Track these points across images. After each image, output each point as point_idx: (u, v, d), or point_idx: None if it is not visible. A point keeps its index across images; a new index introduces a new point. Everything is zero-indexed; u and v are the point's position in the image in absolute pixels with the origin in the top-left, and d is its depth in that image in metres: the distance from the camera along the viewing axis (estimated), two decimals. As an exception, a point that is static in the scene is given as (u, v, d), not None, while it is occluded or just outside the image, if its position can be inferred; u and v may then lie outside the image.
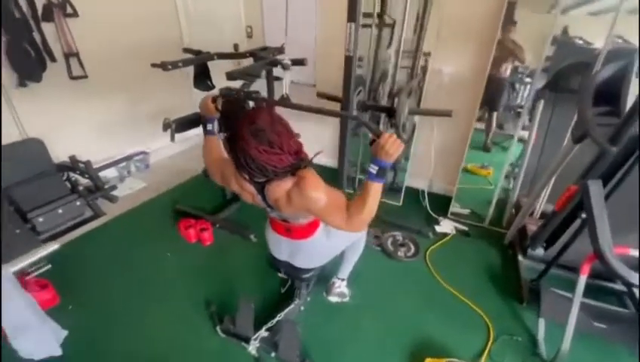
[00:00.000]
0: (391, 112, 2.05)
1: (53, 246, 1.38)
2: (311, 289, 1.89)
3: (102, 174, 2.90)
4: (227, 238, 2.35)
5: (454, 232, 2.51)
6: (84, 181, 2.63)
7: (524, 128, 2.32)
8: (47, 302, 1.76)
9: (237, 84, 2.07)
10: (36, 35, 2.36)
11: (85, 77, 2.69)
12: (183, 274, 2.07)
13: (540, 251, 2.10)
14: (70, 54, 2.58)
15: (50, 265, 2.05)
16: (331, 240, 1.50)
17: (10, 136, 2.36)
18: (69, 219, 2.37)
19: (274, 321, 1.63)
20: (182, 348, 1.62)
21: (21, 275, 1.88)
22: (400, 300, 1.94)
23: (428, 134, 2.70)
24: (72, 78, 2.63)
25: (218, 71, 2.23)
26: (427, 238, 2.43)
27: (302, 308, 1.81)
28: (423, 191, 2.81)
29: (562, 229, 1.89)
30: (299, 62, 2.16)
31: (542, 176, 2.14)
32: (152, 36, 3.07)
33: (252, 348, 1.58)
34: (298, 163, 1.14)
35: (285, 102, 2.04)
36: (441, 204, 2.76)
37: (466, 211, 2.68)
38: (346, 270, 1.84)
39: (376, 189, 1.08)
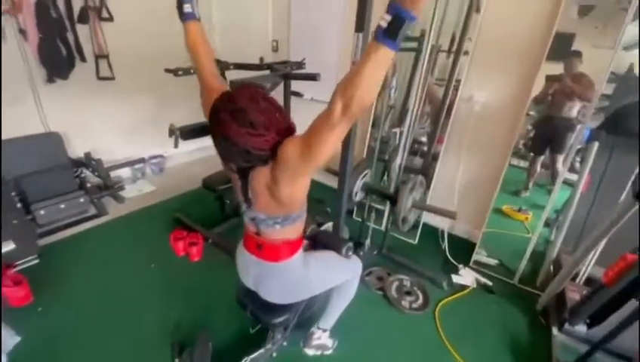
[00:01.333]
0: (393, 201, 1.99)
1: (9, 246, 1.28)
2: (289, 333, 1.64)
3: (117, 174, 2.94)
4: (216, 257, 2.19)
5: (475, 286, 2.13)
6: (96, 179, 2.66)
7: (572, 170, 1.93)
8: (19, 299, 1.70)
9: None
10: (70, 35, 2.46)
11: (112, 78, 2.77)
12: (161, 289, 1.93)
13: (581, 328, 1.68)
14: (100, 56, 2.67)
15: (37, 260, 2.03)
16: (310, 274, 1.25)
17: (33, 128, 2.45)
18: (70, 215, 2.37)
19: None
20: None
21: (6, 267, 1.86)
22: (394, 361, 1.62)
23: (453, 166, 2.38)
24: (100, 78, 2.71)
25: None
26: (441, 289, 2.08)
27: (274, 354, 1.57)
28: (442, 232, 2.46)
29: (613, 307, 1.47)
30: (310, 77, 2.00)
31: (591, 233, 1.73)
32: (182, 45, 3.12)
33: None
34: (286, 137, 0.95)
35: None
36: (463, 249, 2.39)
37: (493, 262, 2.29)
38: (329, 319, 1.57)
39: (382, 55, 0.69)
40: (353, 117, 0.77)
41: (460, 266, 2.26)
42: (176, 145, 2.07)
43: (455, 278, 2.16)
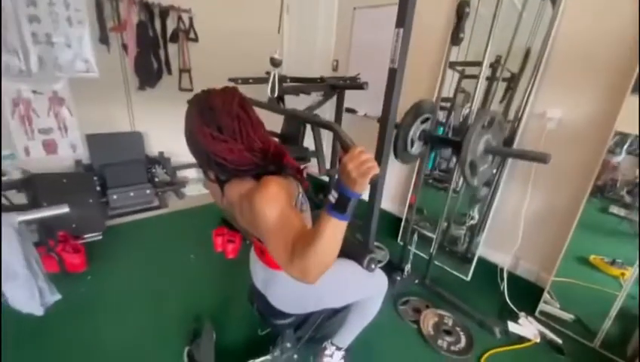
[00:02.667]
0: (458, 147, 1.57)
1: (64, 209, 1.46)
2: (301, 344, 1.52)
3: (184, 174, 3.25)
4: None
5: (538, 340, 1.73)
6: (163, 176, 2.97)
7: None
8: (73, 266, 1.92)
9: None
10: (161, 52, 2.89)
11: (191, 90, 3.13)
12: (193, 278, 2.01)
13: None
14: (184, 70, 3.07)
15: (101, 237, 2.29)
16: (320, 286, 1.15)
17: (122, 127, 2.87)
18: (136, 203, 2.67)
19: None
20: (140, 356, 1.49)
21: (75, 237, 2.14)
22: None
23: (517, 193, 2.05)
24: (181, 89, 3.10)
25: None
26: (491, 335, 1.74)
27: (282, 364, 1.46)
28: (502, 270, 2.10)
29: None
30: (357, 86, 1.97)
31: None
32: (254, 65, 3.41)
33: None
34: (265, 165, 0.92)
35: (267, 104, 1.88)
36: (527, 294, 1.99)
37: (567, 317, 1.84)
38: (345, 336, 1.42)
39: (332, 228, 0.73)
40: (309, 276, 0.76)
41: (521, 314, 1.88)
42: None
43: (512, 327, 1.79)
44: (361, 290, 1.29)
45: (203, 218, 2.71)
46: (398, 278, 2.05)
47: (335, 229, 0.73)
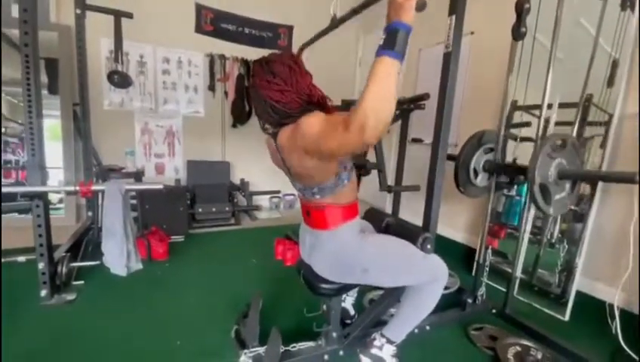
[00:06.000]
0: (525, 173, 1.47)
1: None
2: (351, 338, 1.40)
3: (259, 202, 3.56)
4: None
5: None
6: (241, 199, 3.31)
7: None
8: (158, 254, 2.20)
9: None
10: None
11: (273, 129, 3.61)
12: (250, 277, 2.10)
13: None
14: (269, 112, 3.59)
15: (183, 239, 2.60)
16: (367, 248, 1.13)
17: (215, 156, 3.40)
18: (216, 218, 2.99)
19: (281, 348, 1.30)
20: (193, 329, 1.55)
21: (165, 233, 2.46)
22: None
23: (620, 206, 1.70)
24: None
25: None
26: (598, 378, 1.34)
27: (326, 357, 1.35)
28: (611, 306, 1.65)
29: None
30: (420, 97, 2.04)
31: None
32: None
33: (243, 359, 1.29)
34: (310, 108, 1.04)
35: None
36: (652, 336, 1.51)
37: None
38: (397, 327, 1.27)
39: (384, 66, 0.73)
40: (369, 130, 0.74)
41: (646, 362, 1.41)
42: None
43: (630, 373, 1.35)
44: (412, 273, 1.19)
45: (269, 235, 2.84)
46: (469, 301, 1.78)
47: (387, 67, 0.74)
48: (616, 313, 1.61)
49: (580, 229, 1.86)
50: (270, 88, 1.00)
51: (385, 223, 1.40)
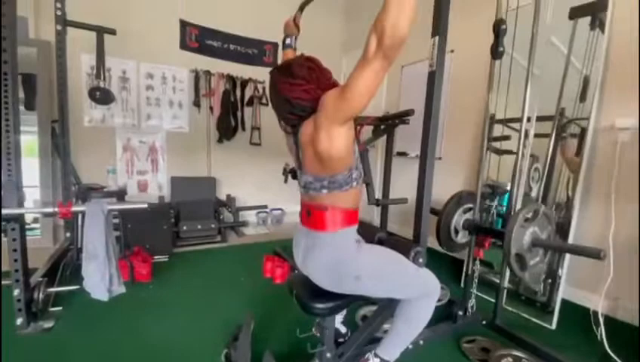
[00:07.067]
0: (501, 236, 1.52)
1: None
2: (345, 358, 1.37)
3: (246, 218, 3.50)
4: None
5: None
6: (227, 215, 3.25)
7: None
8: (141, 275, 2.11)
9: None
10: (239, 113, 3.47)
11: (260, 145, 3.60)
12: (241, 295, 2.04)
13: None
14: (255, 128, 3.59)
15: (167, 259, 2.51)
16: (362, 256, 1.12)
17: (201, 172, 3.35)
18: (201, 236, 2.91)
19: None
20: (182, 352, 1.48)
21: (147, 253, 2.38)
22: None
23: (599, 215, 1.78)
24: (251, 143, 3.58)
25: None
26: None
27: (320, 378, 1.32)
28: (595, 313, 1.70)
29: None
30: (405, 114, 2.09)
31: None
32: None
33: (235, 385, 1.24)
34: None
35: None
36: (635, 342, 1.55)
37: None
38: (390, 345, 1.26)
39: None
40: (388, 50, 0.80)
41: (632, 368, 1.45)
42: (285, 181, 2.41)
43: (619, 380, 1.38)
44: (405, 284, 1.19)
45: (257, 252, 2.79)
46: (460, 313, 1.79)
47: None
48: (601, 320, 1.65)
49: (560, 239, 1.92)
50: (293, 90, 1.01)
51: (377, 238, 1.41)
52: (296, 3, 1.52)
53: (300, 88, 1.01)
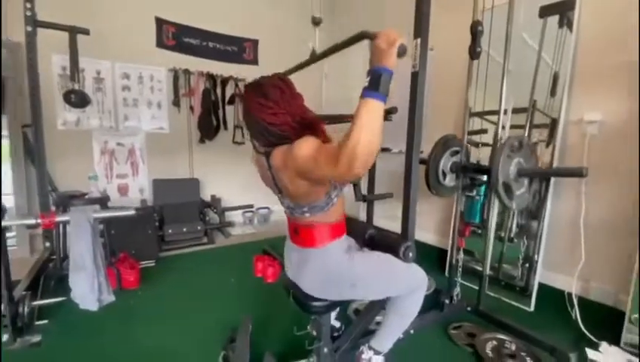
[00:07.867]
0: (490, 172, 1.59)
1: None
2: (341, 351, 1.41)
3: (232, 219, 3.48)
4: (289, 283, 2.20)
5: (630, 370, 1.42)
6: (213, 216, 3.22)
7: None
8: (129, 282, 2.07)
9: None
10: (220, 112, 3.42)
11: (243, 143, 3.56)
12: (233, 297, 2.04)
13: None
14: (237, 126, 3.54)
15: (154, 264, 2.47)
16: (355, 266, 1.14)
17: (183, 173, 3.28)
18: (187, 238, 2.88)
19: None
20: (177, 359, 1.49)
21: (134, 258, 2.33)
22: None
23: (570, 201, 1.90)
24: (234, 142, 3.54)
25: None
26: (565, 362, 1.47)
27: (318, 371, 1.35)
28: (570, 295, 1.83)
29: None
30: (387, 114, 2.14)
31: None
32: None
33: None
34: (303, 131, 1.04)
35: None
36: (606, 320, 1.69)
37: (665, 346, 1.51)
38: (383, 338, 1.31)
39: (368, 107, 0.79)
40: (357, 167, 0.79)
41: (603, 343, 1.58)
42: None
43: (592, 354, 1.51)
44: (397, 285, 1.24)
45: (245, 252, 2.80)
46: (446, 301, 1.88)
47: (371, 108, 0.79)
48: (575, 301, 1.78)
49: (535, 226, 2.04)
50: (263, 111, 1.01)
51: (368, 235, 1.45)
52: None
53: (270, 111, 1.00)
